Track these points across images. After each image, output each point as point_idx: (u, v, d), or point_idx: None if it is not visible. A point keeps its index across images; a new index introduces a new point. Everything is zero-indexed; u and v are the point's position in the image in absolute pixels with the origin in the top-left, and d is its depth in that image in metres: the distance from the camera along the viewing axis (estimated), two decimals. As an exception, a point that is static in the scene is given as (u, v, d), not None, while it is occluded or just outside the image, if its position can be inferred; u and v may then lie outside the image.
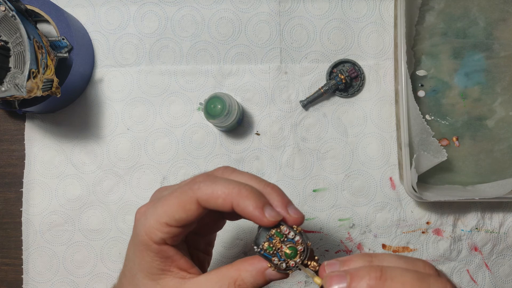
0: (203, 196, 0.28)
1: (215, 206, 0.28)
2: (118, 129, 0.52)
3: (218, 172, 0.32)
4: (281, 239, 0.28)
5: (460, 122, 0.50)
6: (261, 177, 0.31)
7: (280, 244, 0.28)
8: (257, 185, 0.30)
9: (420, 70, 0.51)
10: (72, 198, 0.52)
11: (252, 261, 0.29)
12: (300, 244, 0.28)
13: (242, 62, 0.52)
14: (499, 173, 0.50)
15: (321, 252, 0.51)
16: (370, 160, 0.51)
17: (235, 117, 0.47)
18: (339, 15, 0.51)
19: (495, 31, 0.50)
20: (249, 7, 0.52)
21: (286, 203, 0.29)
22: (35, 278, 0.52)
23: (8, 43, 0.40)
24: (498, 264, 0.51)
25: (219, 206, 0.28)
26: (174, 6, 0.52)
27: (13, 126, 0.53)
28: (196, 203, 0.28)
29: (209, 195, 0.28)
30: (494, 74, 0.50)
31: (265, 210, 0.28)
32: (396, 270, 0.25)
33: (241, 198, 0.28)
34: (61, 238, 0.52)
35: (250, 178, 0.31)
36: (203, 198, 0.28)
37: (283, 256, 0.28)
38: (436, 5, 0.50)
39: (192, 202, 0.28)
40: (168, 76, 0.52)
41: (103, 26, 0.52)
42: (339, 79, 0.50)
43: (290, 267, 0.28)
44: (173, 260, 0.30)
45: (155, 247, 0.29)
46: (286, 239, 0.28)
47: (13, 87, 0.39)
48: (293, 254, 0.28)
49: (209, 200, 0.28)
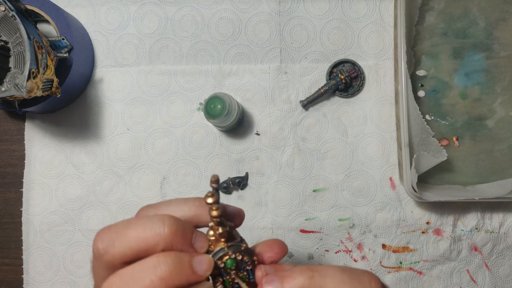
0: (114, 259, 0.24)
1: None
2: (118, 129, 0.52)
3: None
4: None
5: (460, 122, 0.50)
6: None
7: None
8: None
9: (420, 70, 0.51)
10: (72, 198, 0.52)
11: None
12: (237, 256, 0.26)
13: (242, 62, 0.52)
14: (499, 173, 0.50)
15: (321, 252, 0.51)
16: (370, 160, 0.51)
17: (235, 117, 0.47)
18: (339, 15, 0.51)
19: (495, 31, 0.50)
20: (249, 7, 0.52)
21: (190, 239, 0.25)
22: (35, 278, 0.52)
23: (8, 43, 0.40)
24: (498, 264, 0.51)
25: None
26: (174, 6, 0.52)
27: (13, 126, 0.53)
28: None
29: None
30: (494, 74, 0.50)
31: (193, 263, 0.24)
32: (327, 270, 0.25)
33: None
34: (61, 238, 0.52)
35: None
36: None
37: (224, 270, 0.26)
38: (436, 5, 0.50)
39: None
40: (168, 76, 0.52)
41: (103, 26, 0.52)
42: (339, 79, 0.50)
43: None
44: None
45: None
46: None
47: (13, 87, 0.39)
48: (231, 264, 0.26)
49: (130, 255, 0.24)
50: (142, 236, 0.23)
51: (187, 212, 0.27)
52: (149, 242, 0.23)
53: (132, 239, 0.24)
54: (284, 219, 0.51)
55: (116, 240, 0.24)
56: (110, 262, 0.24)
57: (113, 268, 0.24)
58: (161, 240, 0.24)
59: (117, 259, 0.24)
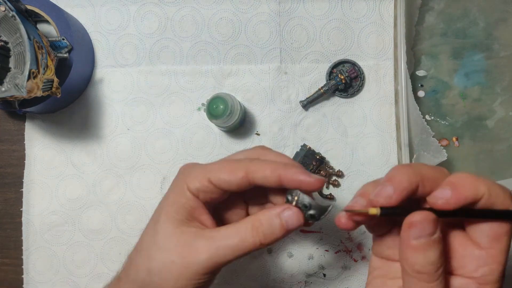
0: (253, 167, 0.31)
1: (262, 177, 0.31)
2: (118, 129, 0.52)
3: (257, 152, 0.35)
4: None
5: (460, 122, 0.50)
6: None
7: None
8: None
9: (420, 70, 0.51)
10: (72, 198, 0.52)
11: (268, 209, 0.32)
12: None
13: (242, 63, 0.52)
14: (499, 173, 0.50)
15: (321, 252, 0.51)
16: (369, 160, 0.51)
17: (238, 118, 0.47)
18: (339, 15, 0.51)
19: (495, 31, 0.50)
20: (249, 7, 0.52)
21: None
22: (35, 278, 0.52)
23: (8, 43, 0.40)
24: (498, 264, 0.51)
25: (266, 178, 0.31)
26: (174, 7, 0.52)
27: (13, 126, 0.53)
28: (245, 172, 0.31)
29: (259, 167, 0.31)
30: (494, 74, 0.50)
31: (310, 175, 0.31)
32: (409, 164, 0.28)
33: (288, 169, 0.31)
34: (61, 238, 0.52)
35: (285, 157, 0.34)
36: (253, 169, 0.31)
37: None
38: (436, 5, 0.50)
39: (241, 170, 0.31)
40: (168, 76, 0.52)
41: (103, 26, 0.52)
42: (339, 79, 0.50)
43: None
44: (198, 215, 0.32)
45: (188, 194, 0.32)
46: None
47: (13, 87, 0.39)
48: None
49: (258, 171, 0.31)
50: (273, 165, 0.32)
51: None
52: (276, 170, 0.32)
53: (266, 163, 0.32)
54: (284, 219, 0.51)
55: (258, 162, 0.33)
56: (249, 168, 0.32)
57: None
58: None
59: (253, 167, 0.32)
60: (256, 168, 0.31)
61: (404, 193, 0.26)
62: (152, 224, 0.33)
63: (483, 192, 0.25)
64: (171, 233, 0.31)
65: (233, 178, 0.31)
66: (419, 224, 0.25)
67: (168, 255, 0.31)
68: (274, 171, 0.31)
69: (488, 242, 0.26)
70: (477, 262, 0.26)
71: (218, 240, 0.30)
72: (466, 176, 0.26)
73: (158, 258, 0.31)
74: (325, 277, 0.51)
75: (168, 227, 0.31)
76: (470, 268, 0.27)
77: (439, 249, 0.26)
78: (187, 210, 0.32)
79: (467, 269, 0.27)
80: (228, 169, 0.31)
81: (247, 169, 0.31)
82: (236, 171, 0.31)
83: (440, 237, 0.26)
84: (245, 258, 0.51)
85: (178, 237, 0.31)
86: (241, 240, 0.30)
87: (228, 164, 0.32)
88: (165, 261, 0.30)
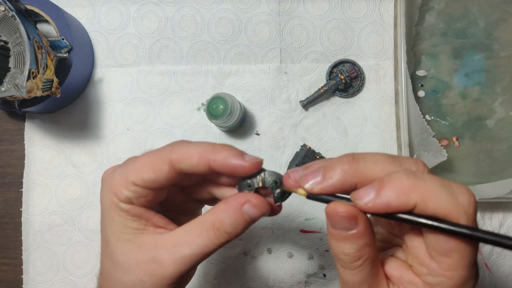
0: (177, 156, 0.27)
1: (189, 166, 0.27)
2: (118, 129, 0.52)
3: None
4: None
5: (460, 122, 0.50)
6: None
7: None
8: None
9: (420, 70, 0.51)
10: (72, 198, 0.52)
11: (227, 200, 0.28)
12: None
13: (242, 62, 0.52)
14: (499, 173, 0.50)
15: (321, 252, 0.51)
16: (370, 160, 0.51)
17: (237, 118, 0.47)
18: (339, 15, 0.51)
19: (495, 31, 0.50)
20: (249, 7, 0.52)
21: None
22: (35, 278, 0.52)
23: (8, 43, 0.40)
24: (498, 264, 0.51)
25: (194, 166, 0.27)
26: (174, 6, 0.52)
27: (13, 126, 0.53)
28: (169, 164, 0.27)
29: (183, 154, 0.27)
30: (494, 74, 0.50)
31: (244, 156, 0.27)
32: (367, 154, 0.24)
33: (217, 152, 0.27)
34: (61, 238, 0.52)
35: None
36: (177, 158, 0.27)
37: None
38: (436, 5, 0.50)
39: (164, 162, 0.27)
40: (168, 76, 0.52)
41: (103, 26, 0.52)
42: (339, 79, 0.50)
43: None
44: (147, 219, 0.29)
45: (123, 205, 0.28)
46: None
47: (13, 87, 0.39)
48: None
49: (183, 159, 0.27)
50: (200, 149, 0.28)
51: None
52: (203, 155, 0.27)
53: (192, 148, 0.28)
54: (284, 219, 0.51)
55: (182, 146, 0.28)
56: (173, 158, 0.28)
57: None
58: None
59: (177, 157, 0.28)
60: (180, 156, 0.27)
61: (330, 189, 0.24)
62: (105, 245, 0.29)
63: (414, 202, 0.22)
64: (128, 250, 0.28)
65: (158, 174, 0.27)
66: (331, 216, 0.24)
67: (135, 275, 0.28)
68: (202, 158, 0.27)
69: (437, 256, 0.23)
70: (427, 270, 0.24)
71: (182, 249, 0.27)
72: (401, 179, 0.23)
73: (125, 281, 0.28)
74: (325, 277, 0.51)
75: (122, 245, 0.28)
76: (421, 271, 0.25)
77: (356, 244, 0.24)
78: (133, 222, 0.28)
79: (419, 271, 0.25)
80: (149, 165, 0.27)
81: (171, 160, 0.27)
82: (160, 165, 0.27)
83: (362, 233, 0.24)
84: (245, 258, 0.51)
85: (136, 253, 0.28)
86: (205, 246, 0.28)
87: (149, 159, 0.28)
88: (134, 281, 0.28)
